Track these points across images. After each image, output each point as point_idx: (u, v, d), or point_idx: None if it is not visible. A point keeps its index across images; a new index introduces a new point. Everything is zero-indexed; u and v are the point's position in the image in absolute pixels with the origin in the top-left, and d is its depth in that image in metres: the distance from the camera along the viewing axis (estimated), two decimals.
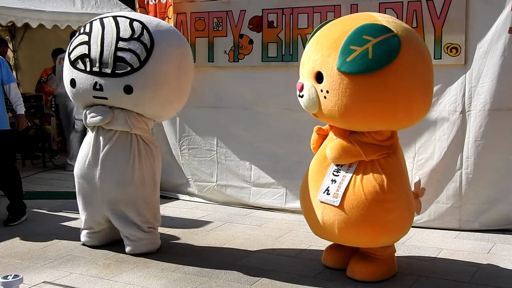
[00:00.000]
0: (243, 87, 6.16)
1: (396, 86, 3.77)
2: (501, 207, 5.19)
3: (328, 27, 4.04)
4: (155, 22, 4.72)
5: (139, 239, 4.75)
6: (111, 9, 9.55)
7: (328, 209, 3.99)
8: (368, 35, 3.70)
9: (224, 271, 4.41)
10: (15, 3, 8.40)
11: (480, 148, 5.15)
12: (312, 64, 3.93)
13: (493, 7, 5.03)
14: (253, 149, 6.18)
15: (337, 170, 4.03)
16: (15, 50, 10.92)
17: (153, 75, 4.51)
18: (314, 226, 4.25)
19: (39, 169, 8.84)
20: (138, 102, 4.61)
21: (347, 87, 3.74)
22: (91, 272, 4.43)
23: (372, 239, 4.03)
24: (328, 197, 3.98)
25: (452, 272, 4.34)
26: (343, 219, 3.93)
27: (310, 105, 3.99)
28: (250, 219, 5.90)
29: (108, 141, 4.70)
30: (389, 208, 3.92)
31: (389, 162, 3.99)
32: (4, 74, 5.87)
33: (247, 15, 6.00)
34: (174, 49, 4.68)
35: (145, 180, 4.75)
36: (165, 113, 5.07)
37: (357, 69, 3.69)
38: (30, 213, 6.10)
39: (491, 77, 5.05)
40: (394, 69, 3.71)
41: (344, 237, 4.07)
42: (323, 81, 3.85)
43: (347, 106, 3.78)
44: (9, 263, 4.65)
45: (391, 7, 5.29)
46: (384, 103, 3.79)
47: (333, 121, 4.03)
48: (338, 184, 3.97)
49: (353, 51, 3.68)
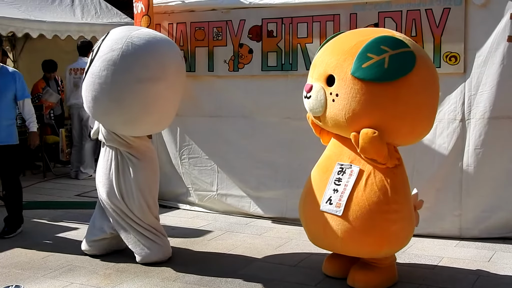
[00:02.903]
0: (243, 96, 6.17)
1: (407, 101, 3.82)
2: (502, 215, 5.19)
3: (345, 35, 4.13)
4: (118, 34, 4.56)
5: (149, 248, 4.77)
6: (111, 19, 9.57)
7: (331, 218, 3.98)
8: (387, 46, 3.76)
9: (225, 280, 4.40)
10: (15, 13, 8.41)
11: (480, 156, 5.16)
12: (324, 67, 3.97)
13: (492, 16, 5.05)
14: (253, 158, 6.18)
15: (339, 179, 4.02)
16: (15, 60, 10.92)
17: (89, 86, 4.53)
18: (315, 236, 4.24)
19: (39, 179, 8.84)
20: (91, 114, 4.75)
21: (358, 93, 3.78)
22: (92, 282, 4.43)
23: (375, 250, 4.03)
24: (331, 207, 3.98)
25: (453, 281, 4.34)
26: (346, 229, 3.92)
27: (316, 107, 4.01)
28: (250, 228, 5.90)
29: (102, 153, 4.91)
30: (393, 219, 3.93)
31: (395, 173, 4.00)
32: (19, 88, 5.79)
33: (247, 24, 6.02)
34: (109, 60, 4.41)
35: (123, 193, 4.77)
36: (124, 127, 4.69)
37: (371, 76, 3.73)
38: (30, 223, 6.10)
39: (490, 85, 5.07)
40: (407, 84, 3.78)
41: (346, 247, 4.07)
42: (334, 84, 3.89)
43: (355, 111, 3.81)
44: (9, 273, 4.64)
45: (390, 16, 5.31)
46: (392, 114, 3.83)
47: (336, 126, 4.02)
48: (340, 193, 3.97)
49: (369, 59, 3.73)
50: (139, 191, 4.76)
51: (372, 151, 3.86)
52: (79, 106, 8.15)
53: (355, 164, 4.01)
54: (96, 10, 9.65)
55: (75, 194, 7.70)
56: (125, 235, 4.81)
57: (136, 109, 4.52)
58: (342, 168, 4.05)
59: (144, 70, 4.46)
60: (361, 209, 3.88)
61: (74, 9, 9.43)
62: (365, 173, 3.96)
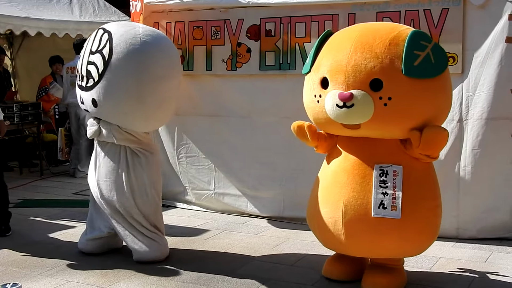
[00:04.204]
0: (241, 96, 6.17)
1: (448, 90, 3.94)
2: (499, 216, 5.20)
3: (364, 34, 3.89)
4: (125, 33, 4.59)
5: (147, 246, 4.75)
6: (109, 17, 9.57)
7: (386, 223, 3.87)
8: (424, 41, 3.76)
9: (222, 279, 4.40)
10: (13, 11, 8.40)
11: (477, 157, 5.17)
12: (364, 72, 3.75)
13: (490, 16, 5.06)
14: (251, 157, 6.18)
15: (384, 181, 3.90)
16: (13, 58, 10.91)
17: (110, 87, 4.51)
18: (338, 244, 4.11)
19: (36, 177, 8.83)
20: (104, 115, 4.70)
21: (415, 92, 3.74)
22: (89, 280, 4.42)
23: (424, 246, 4.11)
24: (386, 211, 3.86)
25: (450, 281, 4.35)
26: (404, 231, 3.88)
27: (362, 115, 3.79)
28: (247, 227, 5.90)
29: (102, 152, 4.83)
30: (439, 213, 4.05)
31: (431, 167, 4.07)
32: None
33: (245, 23, 6.02)
34: (131, 59, 4.50)
35: (135, 191, 4.75)
36: (135, 124, 4.73)
37: (426, 73, 3.73)
38: (27, 221, 6.10)
39: (488, 86, 5.08)
40: (446, 73, 3.87)
41: (397, 249, 4.03)
42: (382, 88, 3.73)
43: (413, 110, 3.78)
44: (6, 271, 4.64)
45: (389, 16, 5.31)
46: (441, 107, 3.93)
47: (384, 129, 3.89)
48: (391, 196, 3.87)
49: (418, 56, 3.70)
50: (152, 186, 4.82)
51: (440, 148, 3.92)
52: (75, 105, 8.13)
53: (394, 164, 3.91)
54: (94, 8, 9.65)
55: (72, 192, 7.70)
56: (124, 233, 4.80)
57: (156, 106, 4.70)
58: (383, 169, 3.92)
59: (162, 68, 4.66)
60: (413, 208, 3.86)
61: (72, 7, 9.44)
62: (406, 171, 3.90)
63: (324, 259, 4.49)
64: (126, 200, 4.73)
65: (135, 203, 4.74)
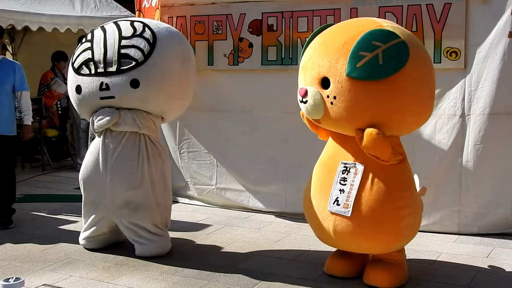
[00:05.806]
0: (243, 91, 6.16)
1: (405, 91, 3.74)
2: (501, 211, 5.20)
3: (332, 33, 3.98)
4: (154, 22, 4.89)
5: (149, 241, 4.76)
6: (111, 12, 9.55)
7: (340, 220, 3.93)
8: (378, 41, 3.64)
9: (224, 275, 4.40)
10: (14, 6, 8.39)
11: (479, 152, 5.16)
12: (317, 70, 3.85)
13: (493, 11, 5.04)
14: (253, 152, 6.18)
15: (344, 178, 3.95)
16: (14, 53, 10.90)
17: (157, 69, 4.56)
18: (325, 236, 4.17)
19: (38, 172, 8.84)
20: (144, 97, 4.62)
21: (356, 93, 3.70)
22: (91, 275, 4.43)
23: (388, 246, 4.03)
24: (339, 207, 3.91)
25: (451, 276, 4.34)
26: (357, 228, 3.88)
27: (314, 111, 3.92)
28: (249, 222, 5.90)
29: (117, 145, 4.71)
30: (403, 215, 3.91)
31: (400, 168, 3.96)
32: (18, 80, 5.82)
33: (247, 18, 6.02)
34: (176, 45, 4.77)
35: (155, 182, 4.76)
36: (171, 109, 4.93)
37: (367, 75, 3.64)
38: (29, 216, 6.11)
39: (490, 81, 5.07)
40: (401, 74, 3.67)
41: (359, 246, 4.05)
42: (329, 87, 3.78)
43: (356, 111, 3.75)
44: (8, 266, 4.64)
45: (391, 11, 5.30)
46: (394, 108, 3.77)
47: (339, 127, 3.97)
48: (346, 193, 3.90)
49: (363, 57, 3.63)
50: (168, 177, 4.95)
51: (376, 151, 3.79)
52: None
53: (359, 162, 3.93)
54: (95, 3, 9.62)
55: (74, 187, 7.69)
56: (126, 228, 4.79)
57: (189, 95, 5.01)
58: (347, 167, 3.97)
59: (192, 60, 4.98)
60: (370, 208, 3.83)
61: (73, 2, 9.41)
62: (370, 171, 3.89)
63: (325, 254, 4.50)
64: (143, 192, 4.69)
65: (153, 195, 4.73)
